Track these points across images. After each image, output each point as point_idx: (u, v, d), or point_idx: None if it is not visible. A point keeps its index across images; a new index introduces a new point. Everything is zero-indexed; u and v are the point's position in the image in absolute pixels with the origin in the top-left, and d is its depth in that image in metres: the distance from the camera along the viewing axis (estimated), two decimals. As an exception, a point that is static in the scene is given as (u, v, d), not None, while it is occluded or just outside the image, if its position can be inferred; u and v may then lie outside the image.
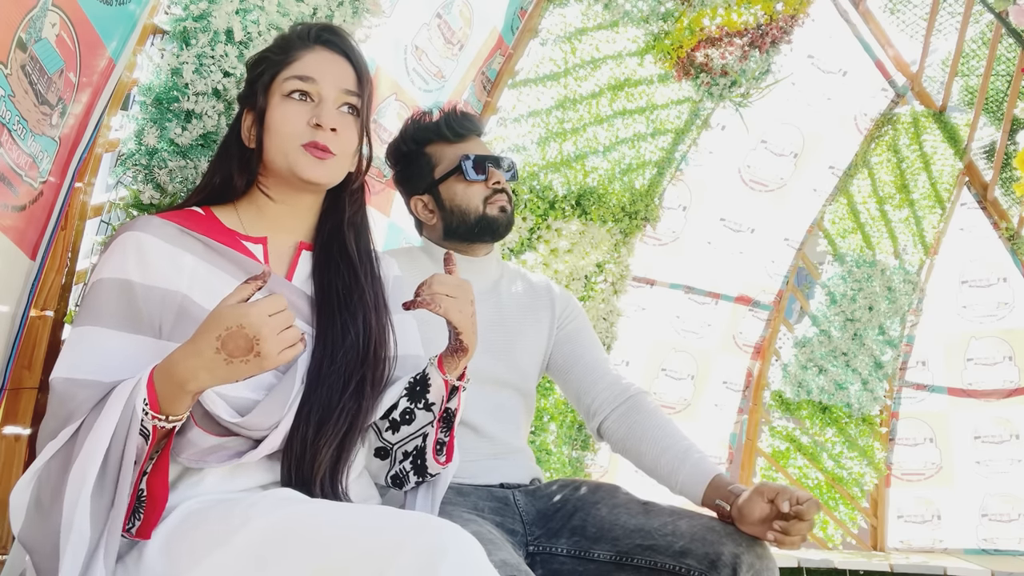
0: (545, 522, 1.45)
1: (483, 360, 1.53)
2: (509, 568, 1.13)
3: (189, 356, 0.95)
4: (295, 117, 1.16)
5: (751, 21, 2.87)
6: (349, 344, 1.16)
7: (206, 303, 1.10)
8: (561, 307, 1.69)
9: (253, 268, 1.16)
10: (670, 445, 1.48)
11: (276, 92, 1.18)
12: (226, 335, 0.93)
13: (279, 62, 1.19)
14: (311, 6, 1.56)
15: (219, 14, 1.40)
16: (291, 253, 1.23)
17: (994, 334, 3.96)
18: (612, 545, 1.36)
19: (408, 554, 0.84)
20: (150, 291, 1.08)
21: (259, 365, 0.94)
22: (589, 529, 1.39)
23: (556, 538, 1.41)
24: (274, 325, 0.94)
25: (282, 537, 0.90)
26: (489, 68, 2.80)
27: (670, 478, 1.46)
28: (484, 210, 1.59)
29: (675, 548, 1.30)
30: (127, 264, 1.09)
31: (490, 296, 1.63)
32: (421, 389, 1.20)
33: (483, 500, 1.45)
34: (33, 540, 0.98)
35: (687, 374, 4.02)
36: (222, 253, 1.15)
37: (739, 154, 3.83)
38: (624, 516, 1.39)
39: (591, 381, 1.60)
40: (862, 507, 3.86)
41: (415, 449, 1.24)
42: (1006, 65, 3.71)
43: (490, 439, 1.55)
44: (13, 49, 0.98)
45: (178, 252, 1.12)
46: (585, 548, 1.38)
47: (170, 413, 0.97)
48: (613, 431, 1.55)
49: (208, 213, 1.20)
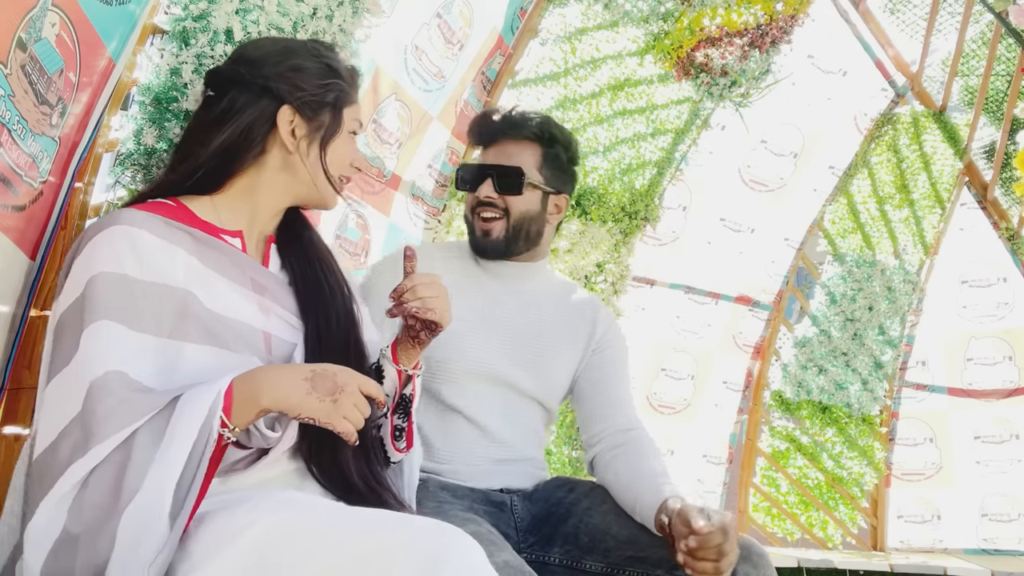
0: (539, 528, 1.44)
1: (509, 368, 1.53)
2: (512, 569, 1.13)
3: (276, 371, 1.02)
4: (352, 152, 1.28)
5: (751, 21, 2.87)
6: (339, 314, 1.23)
7: (210, 303, 1.09)
8: (602, 331, 1.62)
9: (244, 261, 1.17)
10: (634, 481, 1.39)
11: (346, 125, 1.25)
12: (320, 373, 1.03)
13: (350, 97, 1.26)
14: (311, 6, 1.56)
15: (219, 14, 1.40)
16: (262, 247, 1.25)
17: (994, 334, 3.96)
18: (603, 556, 1.35)
19: (409, 557, 0.84)
20: (149, 287, 1.05)
21: (328, 413, 1.01)
22: (581, 537, 1.38)
23: (549, 545, 1.40)
24: (356, 393, 1.03)
25: (285, 539, 0.90)
26: (489, 68, 2.80)
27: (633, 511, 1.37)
28: (473, 221, 1.58)
29: (668, 561, 1.28)
30: (123, 260, 1.04)
31: (517, 308, 1.59)
32: (376, 379, 1.23)
33: (478, 503, 1.43)
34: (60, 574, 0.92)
35: (687, 374, 4.02)
36: (212, 246, 1.14)
37: (739, 154, 3.83)
38: (615, 524, 1.37)
39: (602, 416, 1.54)
40: (862, 507, 3.86)
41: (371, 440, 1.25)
42: (1006, 65, 3.71)
43: (500, 444, 1.52)
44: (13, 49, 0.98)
45: (170, 247, 1.09)
46: (577, 558, 1.37)
47: (237, 425, 0.98)
48: (600, 468, 1.50)
49: (180, 205, 1.17)
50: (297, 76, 1.20)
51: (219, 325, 1.10)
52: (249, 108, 1.18)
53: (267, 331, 1.16)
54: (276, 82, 1.18)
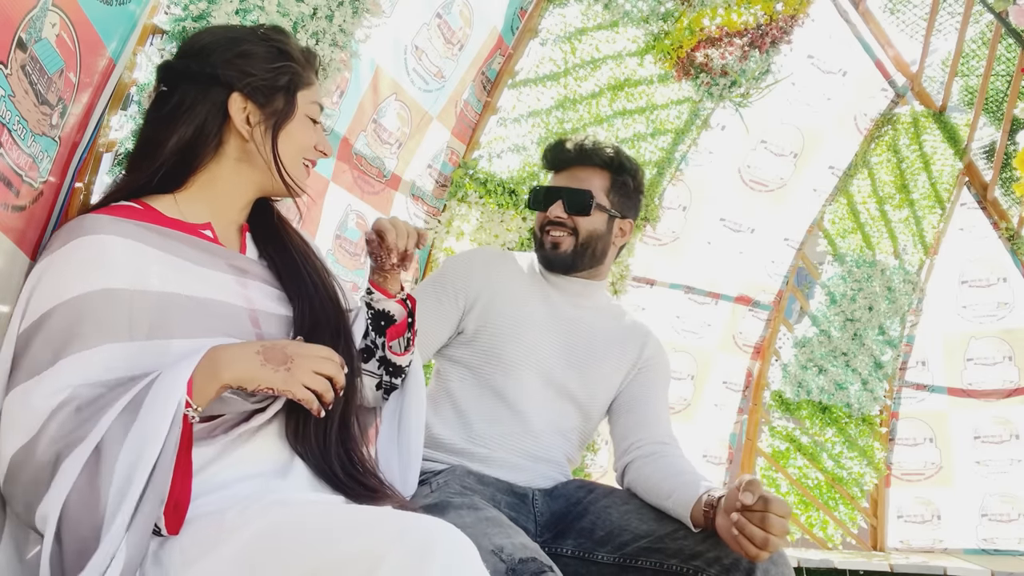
0: (556, 523, 1.45)
1: (561, 368, 1.62)
2: (528, 551, 1.14)
3: (231, 348, 1.03)
4: (312, 137, 1.25)
5: (751, 21, 2.87)
6: (324, 297, 1.24)
7: (189, 291, 1.10)
8: (650, 353, 1.71)
9: (217, 250, 1.17)
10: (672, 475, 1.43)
11: (302, 108, 1.23)
12: (269, 346, 1.05)
13: (304, 79, 1.23)
14: (311, 6, 1.56)
15: (219, 14, 1.40)
16: (237, 236, 1.25)
17: (994, 334, 3.96)
18: (617, 549, 1.35)
19: (398, 552, 0.84)
20: (116, 294, 1.04)
21: (285, 380, 1.03)
22: (597, 531, 1.39)
23: (563, 539, 1.41)
24: (314, 360, 1.06)
25: (272, 541, 0.91)
26: (489, 68, 2.80)
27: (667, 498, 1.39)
28: (541, 238, 1.69)
29: (685, 552, 1.29)
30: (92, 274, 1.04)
31: (585, 318, 1.69)
32: (386, 321, 1.31)
33: (501, 493, 1.46)
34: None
35: (687, 374, 4.02)
36: (182, 240, 1.14)
37: (739, 154, 3.83)
38: (635, 520, 1.38)
39: (639, 428, 1.60)
40: (862, 507, 3.86)
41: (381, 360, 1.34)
42: (1006, 65, 3.71)
43: (536, 439, 1.58)
44: (13, 49, 0.98)
45: (139, 247, 1.09)
46: (589, 549, 1.38)
47: (200, 404, 0.99)
48: (632, 471, 1.53)
49: (145, 206, 1.16)
50: (245, 62, 1.18)
51: (202, 311, 1.11)
52: (200, 101, 1.16)
53: (252, 307, 1.17)
54: (224, 69, 1.16)
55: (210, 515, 0.99)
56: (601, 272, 1.75)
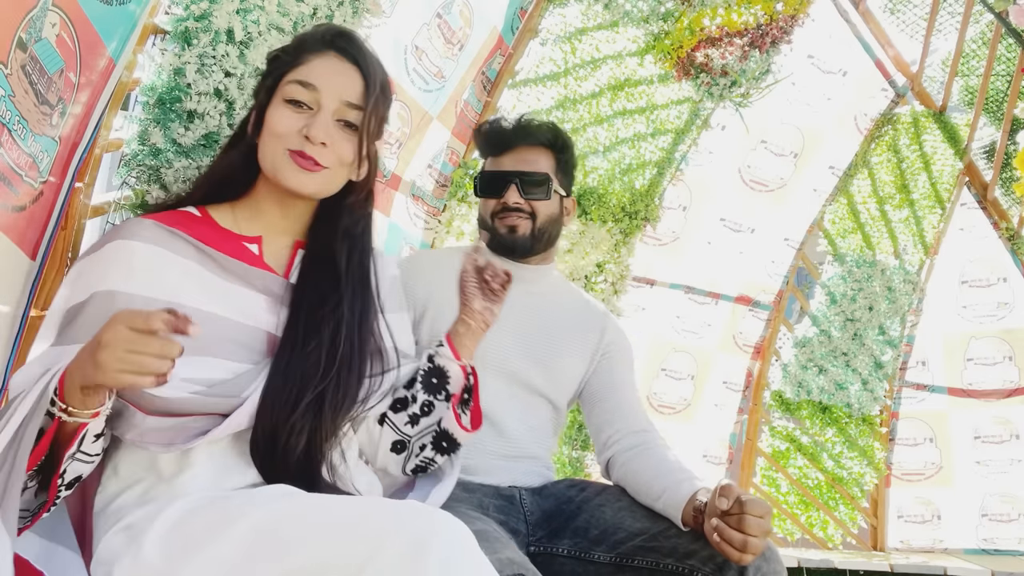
0: (549, 523, 1.44)
1: (522, 364, 1.57)
2: (515, 567, 1.13)
3: (83, 348, 0.93)
4: (288, 122, 1.13)
5: (751, 21, 2.87)
6: (310, 352, 1.12)
7: (196, 303, 1.09)
8: (610, 338, 1.66)
9: (250, 271, 1.16)
10: (662, 473, 1.42)
11: (279, 93, 1.15)
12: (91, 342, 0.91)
13: (288, 63, 1.17)
14: (311, 6, 1.56)
15: (220, 14, 1.40)
16: (288, 252, 1.22)
17: (994, 334, 3.96)
18: (613, 547, 1.35)
19: (397, 541, 0.84)
20: (131, 299, 1.06)
21: (93, 376, 0.90)
22: (592, 530, 1.38)
23: (558, 538, 1.41)
24: (126, 341, 0.88)
25: (273, 531, 0.91)
26: (489, 68, 2.80)
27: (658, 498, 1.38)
28: (494, 225, 1.61)
29: (680, 551, 1.29)
30: (110, 275, 1.07)
31: (536, 306, 1.63)
32: (439, 381, 1.25)
33: (488, 498, 1.45)
34: None
35: (687, 374, 4.02)
36: (213, 257, 1.14)
37: (739, 154, 3.83)
38: (628, 519, 1.38)
39: (614, 419, 1.57)
40: (862, 507, 3.86)
41: (433, 437, 1.27)
42: (1006, 65, 3.71)
43: (509, 439, 1.55)
44: (13, 49, 0.98)
45: (168, 256, 1.10)
46: (585, 549, 1.37)
47: (69, 404, 0.95)
48: (617, 467, 1.52)
49: (204, 214, 1.19)
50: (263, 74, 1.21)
51: (212, 329, 1.08)
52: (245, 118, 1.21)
53: (271, 332, 1.15)
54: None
55: (209, 505, 0.99)
56: (551, 255, 1.70)
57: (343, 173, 1.18)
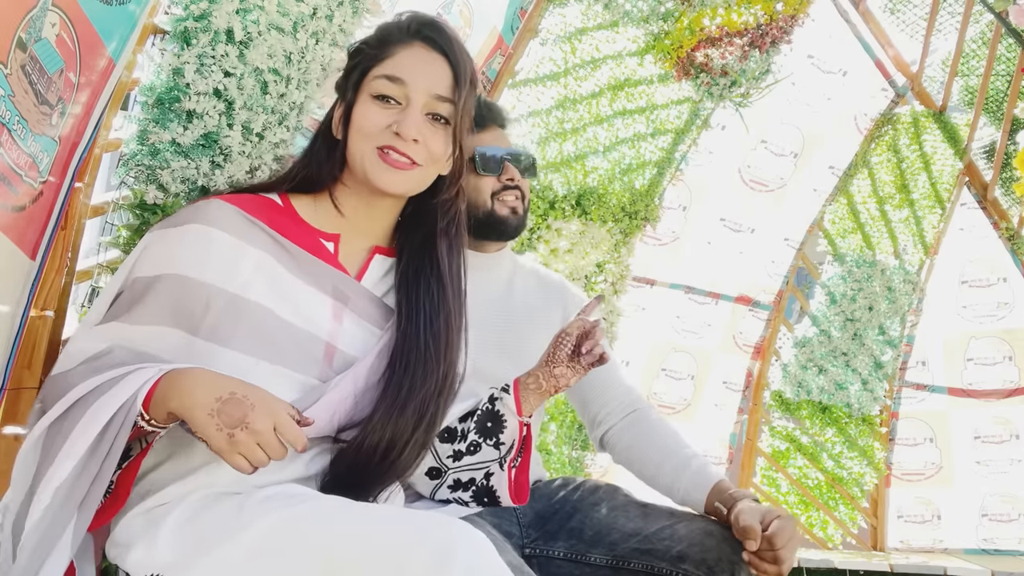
0: (542, 524, 1.44)
1: (493, 360, 1.52)
2: (513, 568, 1.13)
3: (200, 378, 0.94)
4: (377, 118, 1.10)
5: (751, 21, 2.87)
6: (429, 370, 1.12)
7: (263, 299, 1.07)
8: (572, 310, 1.62)
9: (323, 269, 1.13)
10: (672, 454, 1.45)
11: (365, 89, 1.12)
12: (238, 397, 0.92)
13: (373, 56, 1.13)
14: (311, 6, 1.56)
15: (219, 14, 1.40)
16: (363, 255, 1.19)
17: (994, 334, 3.96)
18: (609, 549, 1.35)
19: (421, 552, 0.84)
20: (201, 288, 1.05)
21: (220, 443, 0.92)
22: (586, 532, 1.38)
23: (553, 540, 1.40)
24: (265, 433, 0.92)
25: (293, 531, 0.91)
26: (489, 68, 2.80)
27: (671, 487, 1.43)
28: (492, 206, 1.54)
29: (672, 553, 1.29)
30: (184, 259, 1.06)
31: (502, 296, 1.59)
32: (494, 426, 1.21)
33: None
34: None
35: (687, 374, 4.02)
36: (289, 250, 1.12)
37: (739, 154, 3.83)
38: (622, 519, 1.38)
39: (600, 391, 1.56)
40: (862, 507, 3.86)
41: (470, 480, 1.24)
42: (1006, 65, 3.71)
43: None
44: (13, 49, 0.98)
45: (242, 245, 1.09)
46: (582, 551, 1.37)
47: (155, 418, 0.95)
48: (616, 441, 1.53)
49: (286, 203, 1.17)
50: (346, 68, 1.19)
51: (272, 329, 1.07)
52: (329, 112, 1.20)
53: (332, 343, 1.12)
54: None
55: (226, 503, 0.99)
56: None
57: (434, 169, 1.16)
